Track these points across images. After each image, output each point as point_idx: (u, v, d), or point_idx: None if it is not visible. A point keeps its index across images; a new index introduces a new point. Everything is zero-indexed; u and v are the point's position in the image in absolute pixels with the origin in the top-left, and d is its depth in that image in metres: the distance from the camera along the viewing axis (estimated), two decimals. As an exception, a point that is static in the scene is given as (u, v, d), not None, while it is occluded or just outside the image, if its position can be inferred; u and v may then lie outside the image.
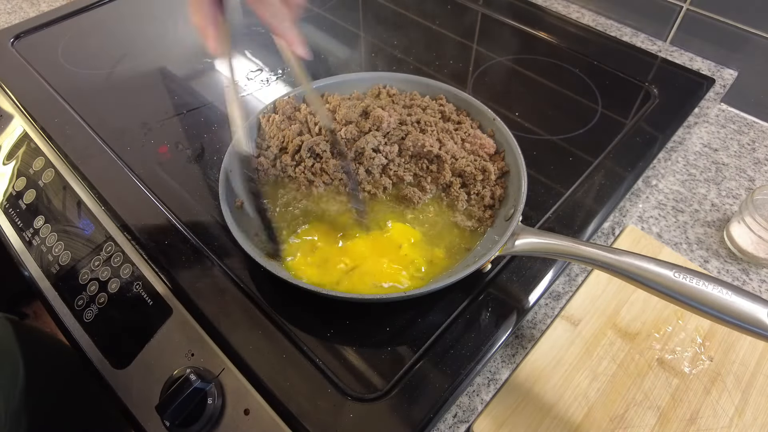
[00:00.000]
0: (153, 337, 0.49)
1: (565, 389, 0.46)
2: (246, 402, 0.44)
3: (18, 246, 0.61)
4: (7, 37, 0.79)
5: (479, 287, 0.50)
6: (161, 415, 0.43)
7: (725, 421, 0.44)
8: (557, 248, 0.44)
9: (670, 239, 0.58)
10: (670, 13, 0.78)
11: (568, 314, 0.50)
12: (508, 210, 0.51)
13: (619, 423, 0.44)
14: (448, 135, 0.57)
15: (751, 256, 0.55)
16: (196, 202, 0.57)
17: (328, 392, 0.43)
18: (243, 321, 0.47)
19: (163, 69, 0.74)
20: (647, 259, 0.39)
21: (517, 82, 0.75)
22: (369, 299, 0.45)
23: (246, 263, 0.51)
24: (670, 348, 0.48)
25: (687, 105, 0.70)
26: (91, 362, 0.52)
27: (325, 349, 0.46)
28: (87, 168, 0.60)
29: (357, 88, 0.64)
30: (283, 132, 0.58)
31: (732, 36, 0.74)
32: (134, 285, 0.52)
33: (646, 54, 0.79)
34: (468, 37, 0.82)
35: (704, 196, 0.63)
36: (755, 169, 0.66)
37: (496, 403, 0.45)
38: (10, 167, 0.66)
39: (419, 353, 0.45)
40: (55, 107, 0.68)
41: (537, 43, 0.81)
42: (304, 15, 0.87)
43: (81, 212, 0.58)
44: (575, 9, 0.88)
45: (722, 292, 0.36)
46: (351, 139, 0.56)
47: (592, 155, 0.62)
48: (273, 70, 0.75)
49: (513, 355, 0.48)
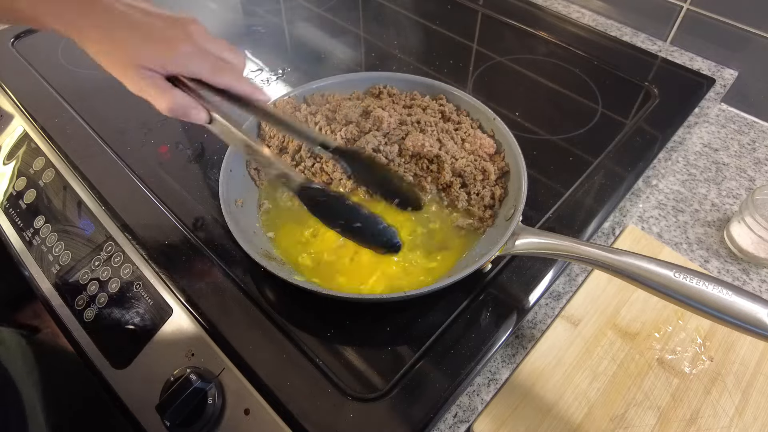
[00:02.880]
0: (153, 337, 0.49)
1: (566, 389, 0.46)
2: (246, 402, 0.44)
3: (18, 246, 0.61)
4: (7, 37, 0.79)
5: (479, 287, 0.50)
6: (161, 415, 0.43)
7: (725, 421, 0.44)
8: (557, 248, 0.44)
9: (670, 239, 0.58)
10: (671, 13, 0.78)
11: (569, 314, 0.50)
12: (508, 210, 0.51)
13: (619, 423, 0.44)
14: (448, 135, 0.57)
15: (752, 256, 0.55)
16: (196, 202, 0.57)
17: (328, 392, 0.43)
18: (243, 321, 0.47)
19: (163, 69, 0.74)
20: (647, 259, 0.39)
21: (517, 82, 0.75)
22: (369, 299, 0.45)
23: (246, 263, 0.51)
24: (670, 348, 0.48)
25: (687, 105, 0.70)
26: (91, 362, 0.52)
27: (325, 349, 0.46)
28: (87, 168, 0.60)
29: (357, 88, 0.64)
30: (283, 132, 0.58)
31: (732, 36, 0.74)
32: (134, 285, 0.52)
33: (647, 54, 0.79)
34: (468, 37, 0.82)
35: (704, 196, 0.63)
36: (755, 169, 0.66)
37: (496, 403, 0.45)
38: (11, 167, 0.66)
39: (419, 353, 0.45)
40: (55, 107, 0.68)
41: (537, 43, 0.81)
42: (304, 15, 0.87)
43: (81, 212, 0.58)
44: (575, 9, 0.88)
45: (722, 292, 0.36)
46: (351, 139, 0.56)
47: (592, 155, 0.62)
48: (273, 70, 0.75)
49: (513, 355, 0.48)
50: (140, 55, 0.40)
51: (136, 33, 0.40)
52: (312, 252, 0.51)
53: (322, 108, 0.61)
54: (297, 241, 0.52)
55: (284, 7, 0.90)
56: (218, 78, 0.42)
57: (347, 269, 0.50)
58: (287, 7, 0.90)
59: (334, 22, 0.86)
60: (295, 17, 0.87)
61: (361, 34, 0.84)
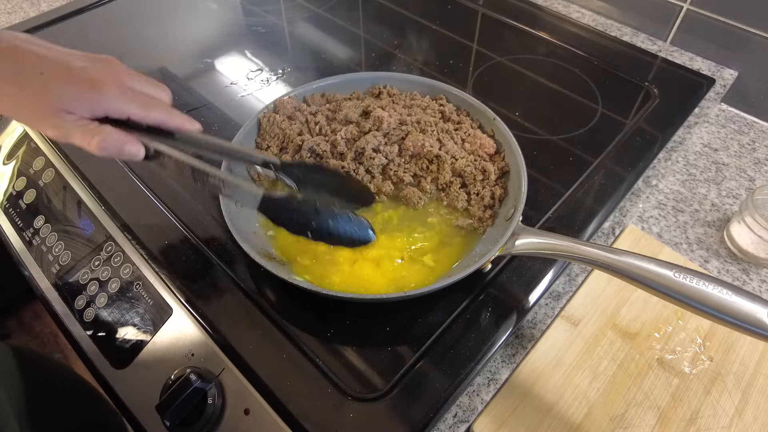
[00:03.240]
0: (153, 337, 0.49)
1: (565, 389, 0.46)
2: (246, 402, 0.44)
3: (18, 246, 0.61)
4: (7, 37, 0.79)
5: (479, 287, 0.50)
6: (161, 415, 0.43)
7: (725, 421, 0.44)
8: (557, 248, 0.44)
9: (670, 239, 0.58)
10: (671, 13, 0.78)
11: (568, 314, 0.50)
12: (508, 210, 0.51)
13: (619, 423, 0.44)
14: (448, 135, 0.57)
15: (751, 256, 0.55)
16: (196, 202, 0.57)
17: (328, 392, 0.43)
18: (243, 321, 0.47)
19: (163, 69, 0.74)
20: (647, 259, 0.39)
21: (517, 82, 0.75)
22: (369, 299, 0.45)
23: (246, 263, 0.51)
24: (670, 348, 0.48)
25: (687, 105, 0.70)
26: (91, 362, 0.52)
27: (325, 349, 0.46)
28: (87, 168, 0.60)
29: (357, 88, 0.64)
30: (283, 132, 0.58)
31: (732, 36, 0.74)
32: (134, 285, 0.52)
33: (647, 54, 0.79)
34: (468, 37, 0.82)
35: (704, 196, 0.63)
36: (755, 169, 0.66)
37: (496, 402, 0.45)
38: (11, 167, 0.66)
39: (419, 353, 0.45)
40: (55, 107, 0.68)
41: (537, 43, 0.81)
42: (304, 15, 0.87)
43: (81, 212, 0.58)
44: (575, 9, 0.88)
45: (722, 292, 0.36)
46: (351, 139, 0.56)
47: (592, 155, 0.62)
48: (273, 70, 0.75)
49: (513, 355, 0.48)
50: (63, 99, 0.37)
51: (56, 76, 0.37)
52: (311, 252, 0.51)
53: (322, 108, 0.61)
54: (296, 240, 0.52)
55: (284, 7, 0.90)
56: (149, 114, 0.40)
57: (347, 269, 0.49)
58: (287, 7, 0.90)
59: (334, 22, 0.86)
60: (295, 17, 0.87)
61: (361, 34, 0.84)
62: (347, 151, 0.56)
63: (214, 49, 0.79)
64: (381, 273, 0.49)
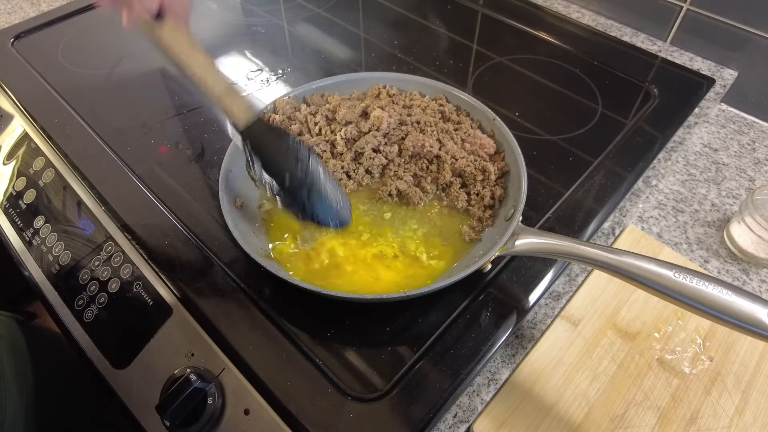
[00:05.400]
0: (153, 337, 0.49)
1: (565, 389, 0.46)
2: (246, 402, 0.44)
3: (18, 246, 0.61)
4: (7, 37, 0.79)
5: (479, 287, 0.50)
6: (161, 415, 0.43)
7: (725, 421, 0.44)
8: (557, 248, 0.44)
9: (670, 239, 0.58)
10: (670, 13, 0.78)
11: (568, 314, 0.50)
12: (508, 210, 0.51)
13: (619, 423, 0.44)
14: (447, 135, 0.57)
15: (751, 256, 0.55)
16: (196, 202, 0.57)
17: (328, 392, 0.43)
18: (243, 321, 0.47)
19: (163, 69, 0.74)
20: (647, 259, 0.39)
21: (517, 82, 0.75)
22: (369, 299, 0.45)
23: (246, 263, 0.51)
24: (670, 348, 0.48)
25: (687, 105, 0.70)
26: (91, 362, 0.52)
27: (325, 349, 0.46)
28: (87, 168, 0.60)
29: (357, 88, 0.64)
30: (283, 132, 0.58)
31: (732, 36, 0.74)
32: (134, 285, 0.52)
33: (646, 54, 0.79)
34: (468, 37, 0.82)
35: (704, 196, 0.63)
36: (755, 169, 0.66)
37: (496, 403, 0.45)
38: (10, 167, 0.66)
39: (419, 353, 0.45)
40: (55, 107, 0.68)
41: (537, 43, 0.81)
42: (304, 15, 0.87)
43: (81, 212, 0.58)
44: (575, 9, 0.88)
45: (722, 292, 0.36)
46: (351, 139, 0.56)
47: (592, 155, 0.62)
48: (273, 70, 0.75)
49: (513, 355, 0.48)
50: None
51: None
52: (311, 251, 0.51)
53: (322, 108, 0.61)
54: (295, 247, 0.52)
55: (284, 7, 0.90)
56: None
57: (346, 269, 0.49)
58: (287, 7, 0.90)
59: (334, 22, 0.86)
60: (295, 17, 0.87)
61: (361, 34, 0.84)
62: (346, 151, 0.56)
63: (214, 49, 0.79)
64: (381, 273, 0.49)
